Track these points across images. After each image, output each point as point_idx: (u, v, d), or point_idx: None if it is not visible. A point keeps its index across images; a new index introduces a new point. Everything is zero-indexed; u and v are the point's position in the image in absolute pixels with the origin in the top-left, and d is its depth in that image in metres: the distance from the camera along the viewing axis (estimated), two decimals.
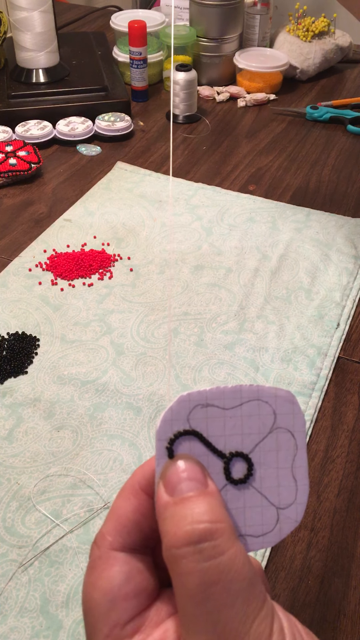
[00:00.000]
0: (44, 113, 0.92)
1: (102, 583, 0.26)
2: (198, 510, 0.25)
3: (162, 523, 0.25)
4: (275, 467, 0.29)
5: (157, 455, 0.27)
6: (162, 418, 0.27)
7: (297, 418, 0.29)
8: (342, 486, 0.48)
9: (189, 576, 0.23)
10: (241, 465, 0.28)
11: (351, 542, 0.44)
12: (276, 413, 0.29)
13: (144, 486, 0.28)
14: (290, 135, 0.95)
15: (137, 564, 0.27)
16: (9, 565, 0.42)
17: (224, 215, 0.76)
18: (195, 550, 0.24)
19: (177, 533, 0.24)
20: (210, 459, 0.28)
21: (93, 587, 0.26)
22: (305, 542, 0.44)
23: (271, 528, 0.29)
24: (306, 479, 0.29)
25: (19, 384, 0.55)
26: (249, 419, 0.29)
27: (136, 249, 0.71)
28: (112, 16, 1.10)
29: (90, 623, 0.26)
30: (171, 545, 0.24)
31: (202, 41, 1.04)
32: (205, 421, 0.28)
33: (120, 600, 0.26)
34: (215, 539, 0.24)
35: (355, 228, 0.74)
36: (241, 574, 0.24)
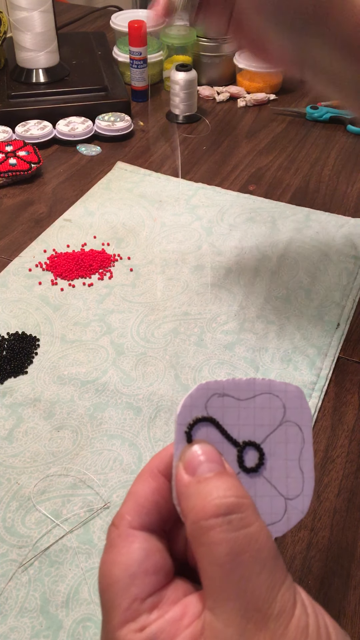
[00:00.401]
0: (44, 113, 0.92)
1: (122, 559, 0.26)
2: (223, 487, 0.26)
3: (186, 500, 0.26)
4: (284, 459, 0.30)
5: (176, 439, 0.28)
6: (182, 404, 0.28)
7: (305, 413, 0.30)
8: (342, 486, 0.48)
9: (218, 546, 0.24)
10: (253, 454, 0.29)
11: (351, 542, 0.45)
12: (286, 407, 0.30)
13: (162, 470, 0.29)
14: (290, 135, 0.95)
15: (155, 543, 0.28)
16: (9, 565, 0.42)
17: (224, 215, 0.76)
18: (224, 521, 0.25)
19: (206, 506, 0.25)
20: (225, 446, 0.29)
21: (112, 564, 0.27)
22: (305, 542, 0.44)
23: (279, 517, 0.29)
24: (312, 472, 0.30)
25: (19, 384, 0.55)
26: (261, 411, 0.30)
27: (136, 249, 0.71)
28: (112, 16, 1.10)
29: (109, 599, 0.26)
30: (199, 518, 0.25)
31: (202, 41, 1.04)
32: (222, 410, 0.29)
33: (141, 575, 0.26)
34: (242, 511, 0.25)
35: (355, 228, 0.74)
36: (267, 545, 0.25)
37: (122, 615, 0.25)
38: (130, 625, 0.25)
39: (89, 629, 0.39)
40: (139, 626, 0.25)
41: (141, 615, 0.25)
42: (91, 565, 0.42)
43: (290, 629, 0.24)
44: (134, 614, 0.25)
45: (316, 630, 0.24)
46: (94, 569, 0.42)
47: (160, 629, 0.25)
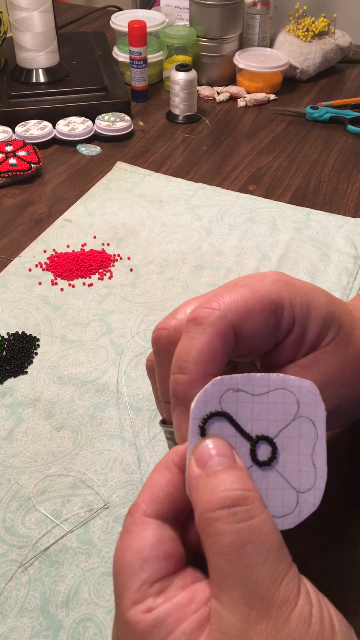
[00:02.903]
0: (44, 113, 0.92)
1: (135, 544, 0.28)
2: (230, 480, 0.27)
3: (195, 492, 0.27)
4: (297, 453, 0.30)
5: (190, 433, 0.29)
6: (196, 399, 0.29)
7: (319, 408, 0.31)
8: (342, 486, 0.48)
9: (223, 536, 0.25)
10: (266, 448, 0.30)
11: (351, 542, 0.44)
12: (299, 402, 0.31)
13: (177, 462, 0.30)
14: (290, 135, 0.95)
15: (168, 531, 0.28)
16: (9, 565, 0.42)
17: (224, 215, 0.76)
18: (229, 512, 0.26)
19: (212, 499, 0.26)
20: (239, 440, 0.30)
21: (126, 548, 0.28)
22: (305, 542, 0.44)
23: (291, 510, 0.30)
24: (324, 467, 0.31)
25: (19, 384, 0.55)
26: (274, 406, 0.30)
27: (136, 249, 0.71)
28: (112, 16, 1.10)
29: (121, 581, 0.27)
30: (206, 510, 0.26)
31: (202, 41, 1.04)
32: (236, 405, 0.30)
33: (151, 559, 0.27)
34: (247, 504, 0.26)
35: (355, 228, 0.74)
36: (271, 536, 0.26)
37: (131, 597, 0.26)
38: (139, 607, 0.26)
39: (89, 629, 0.39)
40: (146, 607, 0.26)
41: (148, 597, 0.26)
42: (91, 565, 0.42)
43: (293, 618, 0.24)
44: (142, 596, 0.26)
45: (319, 620, 0.25)
46: (94, 569, 0.42)
47: (168, 612, 0.26)
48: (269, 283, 0.33)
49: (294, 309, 0.33)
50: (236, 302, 0.31)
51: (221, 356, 0.31)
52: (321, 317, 0.34)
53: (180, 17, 1.16)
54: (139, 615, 0.26)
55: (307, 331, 0.33)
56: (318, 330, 0.34)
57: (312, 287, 0.35)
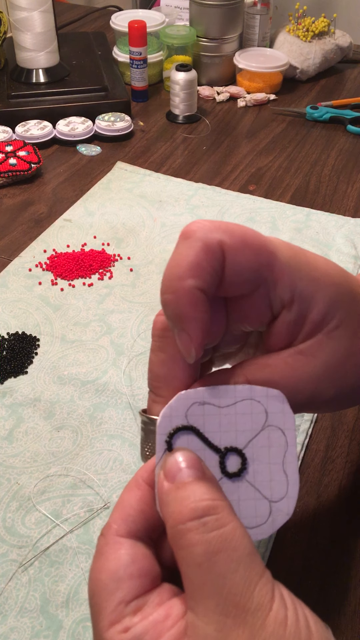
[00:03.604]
0: (44, 113, 0.92)
1: (108, 565, 0.28)
2: (199, 491, 0.27)
3: (165, 507, 0.27)
4: (268, 463, 0.30)
5: (157, 449, 0.29)
6: (161, 414, 0.29)
7: (287, 417, 0.31)
8: (342, 486, 0.48)
9: (194, 547, 0.25)
10: (235, 459, 0.30)
11: (351, 542, 0.44)
12: (267, 412, 0.31)
13: (146, 478, 0.30)
14: (290, 135, 0.95)
15: (141, 549, 0.28)
16: (9, 565, 0.42)
17: (224, 215, 0.76)
18: (199, 523, 0.26)
19: (182, 511, 0.26)
20: (207, 453, 0.30)
21: (100, 570, 0.28)
22: (305, 542, 0.44)
23: (264, 520, 0.30)
24: (296, 474, 0.30)
25: (19, 384, 0.55)
26: (242, 417, 0.30)
27: (136, 249, 0.71)
28: (112, 16, 1.10)
29: (97, 603, 0.27)
30: (177, 522, 0.26)
31: (202, 41, 1.04)
32: (202, 418, 0.30)
33: (126, 579, 0.27)
34: (217, 513, 0.26)
35: (355, 228, 0.74)
36: (242, 543, 0.26)
37: (108, 618, 0.26)
38: (116, 627, 0.26)
39: (89, 629, 0.39)
40: (123, 627, 0.26)
41: (125, 617, 0.26)
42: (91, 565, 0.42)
43: (269, 622, 0.24)
44: (119, 616, 0.26)
45: (295, 623, 0.25)
46: None
47: (144, 630, 0.26)
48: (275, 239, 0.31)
49: (294, 276, 0.30)
50: (231, 228, 0.29)
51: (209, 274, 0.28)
52: (329, 295, 0.30)
53: (180, 17, 1.16)
54: (116, 635, 0.26)
55: (311, 309, 0.30)
56: (324, 309, 0.30)
57: (324, 260, 0.32)
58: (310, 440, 0.51)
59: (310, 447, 0.51)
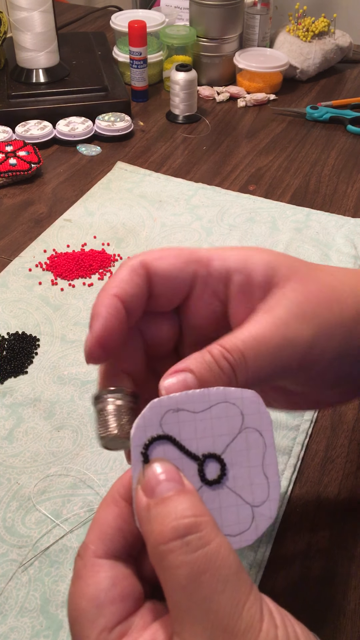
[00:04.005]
0: (44, 113, 0.92)
1: (88, 590, 0.26)
2: (181, 507, 0.25)
3: (146, 524, 0.26)
4: (247, 466, 0.29)
5: (133, 461, 0.28)
6: (135, 424, 0.28)
7: (264, 417, 0.30)
8: (342, 486, 0.48)
9: (178, 569, 0.24)
10: (214, 466, 0.29)
11: (351, 542, 0.45)
12: (244, 414, 0.30)
13: (123, 494, 0.28)
14: (290, 135, 0.95)
15: (122, 570, 0.27)
16: (9, 565, 0.42)
17: (224, 215, 0.76)
18: (182, 543, 0.24)
19: (163, 530, 0.25)
20: (185, 461, 0.29)
21: (79, 596, 0.26)
22: (305, 542, 0.44)
23: (247, 526, 0.29)
24: (277, 476, 0.30)
25: (19, 384, 0.55)
26: (218, 421, 0.29)
27: (136, 249, 0.71)
28: (112, 16, 1.10)
29: (78, 631, 0.26)
30: (158, 543, 0.25)
31: (202, 41, 1.04)
32: (177, 425, 0.29)
33: (107, 604, 0.26)
34: (200, 530, 0.25)
35: (355, 228, 0.74)
36: (228, 561, 0.24)
37: None
38: None
39: None
40: None
41: None
42: None
43: None
44: None
45: None
46: None
47: None
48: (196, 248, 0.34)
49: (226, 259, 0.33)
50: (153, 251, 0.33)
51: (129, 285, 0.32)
52: (263, 261, 0.33)
53: (180, 17, 1.16)
54: None
55: (252, 276, 0.32)
56: (263, 272, 0.32)
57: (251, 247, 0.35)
58: (310, 440, 0.51)
59: (310, 447, 0.51)
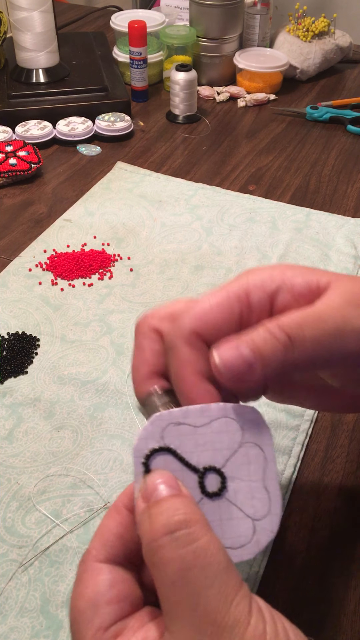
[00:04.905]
0: (44, 113, 0.92)
1: (87, 591, 0.27)
2: (172, 507, 0.26)
3: (141, 526, 0.27)
4: (248, 480, 0.30)
5: (135, 472, 0.29)
6: (139, 436, 0.29)
7: (264, 432, 0.30)
8: (342, 486, 0.48)
9: (167, 564, 0.25)
10: (215, 479, 0.29)
11: (351, 542, 0.44)
12: (243, 429, 0.30)
13: (126, 504, 0.30)
14: (290, 135, 0.95)
15: (120, 574, 0.28)
16: (9, 565, 0.42)
17: (224, 215, 0.76)
18: (172, 538, 0.25)
19: (155, 527, 0.26)
20: (185, 473, 0.29)
21: (78, 597, 0.28)
22: (305, 542, 0.44)
23: (249, 540, 0.29)
24: (278, 491, 0.30)
25: (19, 384, 0.55)
26: (219, 435, 0.30)
27: (136, 249, 0.71)
28: (112, 16, 1.10)
29: (77, 630, 0.27)
30: (150, 540, 0.26)
31: (202, 41, 1.04)
32: (178, 438, 0.29)
33: (104, 605, 0.27)
34: (189, 527, 0.25)
35: (355, 228, 0.74)
36: (217, 557, 0.25)
37: None
38: None
39: None
40: None
41: None
42: None
43: (247, 638, 0.24)
44: None
45: (274, 636, 0.24)
46: None
47: None
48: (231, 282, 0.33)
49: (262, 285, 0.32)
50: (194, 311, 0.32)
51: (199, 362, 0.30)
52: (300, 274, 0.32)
53: (180, 17, 1.16)
54: None
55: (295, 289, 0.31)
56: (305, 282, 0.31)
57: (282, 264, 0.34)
58: (310, 440, 0.51)
59: (310, 447, 0.51)
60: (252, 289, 0.32)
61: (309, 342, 0.29)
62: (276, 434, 0.51)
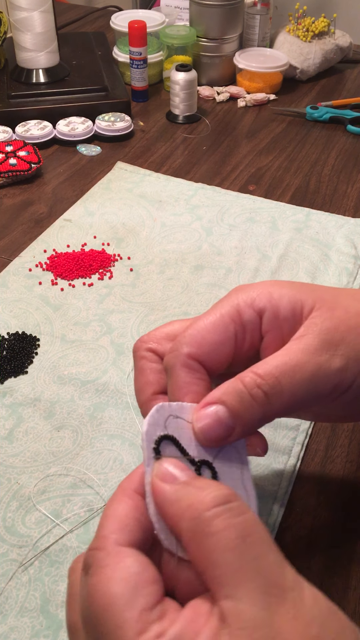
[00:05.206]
0: (44, 113, 0.92)
1: (118, 575, 0.26)
2: (211, 483, 0.27)
3: (176, 503, 0.27)
4: (230, 478, 0.31)
5: (146, 456, 0.29)
6: (147, 422, 0.30)
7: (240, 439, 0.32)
8: (342, 486, 0.48)
9: (225, 531, 0.25)
10: (208, 473, 0.31)
11: (351, 542, 0.45)
12: None
13: (137, 488, 0.29)
14: (290, 135, 0.95)
15: (145, 558, 0.27)
16: (9, 565, 0.42)
17: (224, 215, 0.76)
18: (225, 509, 0.26)
19: (204, 500, 0.26)
20: (185, 463, 0.30)
21: (109, 582, 0.26)
22: (305, 542, 0.44)
23: None
24: (254, 491, 0.32)
25: (19, 384, 0.55)
26: None
27: (136, 249, 0.71)
28: (112, 16, 1.10)
29: (112, 617, 0.25)
30: (200, 511, 0.26)
31: (202, 41, 1.04)
32: (177, 430, 0.31)
33: (143, 584, 0.26)
34: (237, 500, 0.27)
35: (355, 228, 0.74)
36: (263, 527, 0.27)
37: (134, 629, 0.25)
38: (147, 635, 0.24)
39: None
40: (155, 634, 0.24)
41: (153, 624, 0.25)
42: None
43: (306, 598, 0.25)
44: (145, 624, 0.25)
45: (324, 598, 0.26)
46: None
47: (182, 631, 0.25)
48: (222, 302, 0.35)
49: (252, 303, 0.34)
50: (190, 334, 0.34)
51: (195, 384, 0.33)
52: (287, 295, 0.34)
53: (180, 17, 1.17)
54: None
55: (279, 311, 0.34)
56: (289, 306, 0.34)
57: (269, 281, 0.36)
58: (310, 440, 0.51)
59: (310, 447, 0.51)
60: (244, 308, 0.34)
61: (286, 394, 0.31)
62: (276, 433, 0.51)
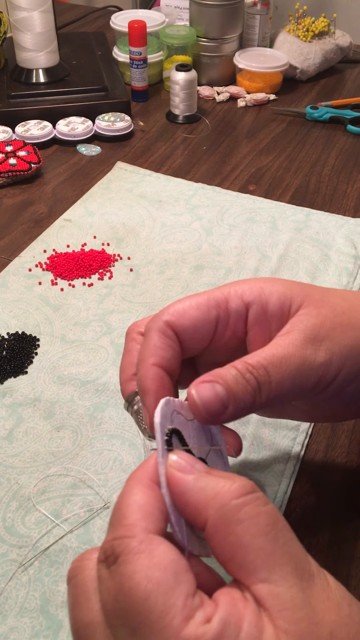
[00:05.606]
0: (44, 113, 0.92)
1: (156, 561, 0.25)
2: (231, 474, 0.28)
3: (201, 492, 0.27)
4: None
5: (160, 447, 0.30)
6: (160, 414, 0.30)
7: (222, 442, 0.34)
8: (342, 486, 0.48)
9: (258, 517, 0.26)
10: None
11: (351, 542, 0.44)
12: (212, 432, 0.34)
13: (153, 477, 0.29)
14: (290, 135, 0.95)
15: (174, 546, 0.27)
16: (9, 565, 0.42)
17: (224, 215, 0.76)
18: (254, 497, 0.27)
19: (232, 488, 0.27)
20: None
21: (149, 568, 0.25)
22: (305, 542, 0.44)
23: None
24: None
25: (19, 384, 0.55)
26: (198, 433, 0.33)
27: (136, 249, 0.71)
28: (112, 16, 1.10)
29: (156, 604, 0.24)
30: (229, 499, 0.26)
31: (202, 41, 1.04)
32: (180, 426, 0.32)
33: (183, 571, 0.26)
34: (260, 490, 0.27)
35: (355, 228, 0.74)
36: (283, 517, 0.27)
37: (181, 614, 0.24)
38: (195, 620, 0.24)
39: None
40: (202, 619, 0.24)
41: (197, 609, 0.25)
42: None
43: (331, 582, 0.26)
44: (191, 610, 0.25)
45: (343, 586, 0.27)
46: None
47: (229, 614, 0.25)
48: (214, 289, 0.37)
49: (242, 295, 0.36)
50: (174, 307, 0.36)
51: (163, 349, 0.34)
52: (277, 291, 0.36)
53: (180, 17, 1.17)
54: (200, 628, 0.24)
55: (268, 307, 0.35)
56: (277, 302, 0.35)
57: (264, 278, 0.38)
58: (310, 440, 0.51)
59: (310, 447, 0.51)
60: (232, 297, 0.36)
61: (273, 384, 0.32)
62: (276, 433, 0.51)
